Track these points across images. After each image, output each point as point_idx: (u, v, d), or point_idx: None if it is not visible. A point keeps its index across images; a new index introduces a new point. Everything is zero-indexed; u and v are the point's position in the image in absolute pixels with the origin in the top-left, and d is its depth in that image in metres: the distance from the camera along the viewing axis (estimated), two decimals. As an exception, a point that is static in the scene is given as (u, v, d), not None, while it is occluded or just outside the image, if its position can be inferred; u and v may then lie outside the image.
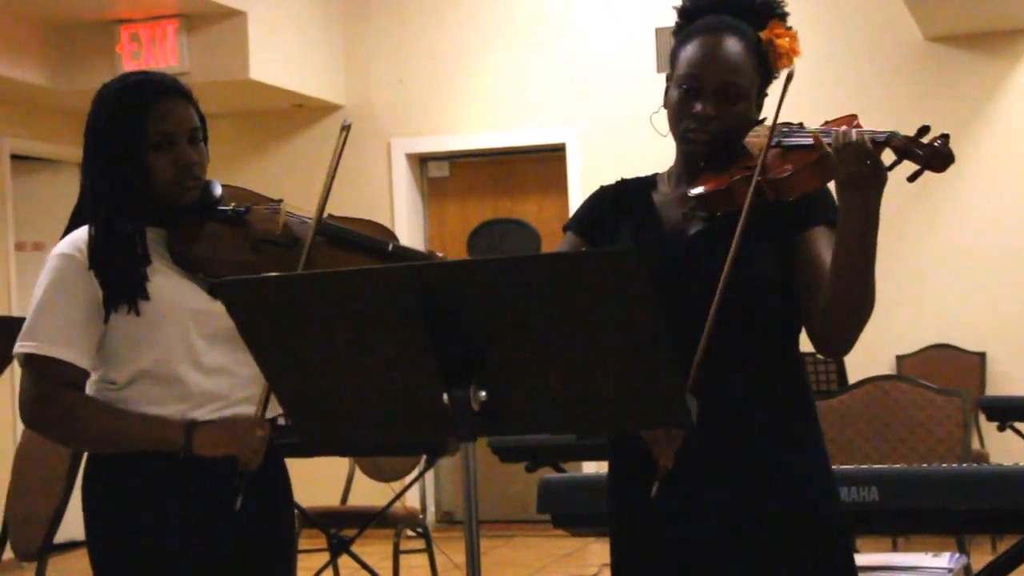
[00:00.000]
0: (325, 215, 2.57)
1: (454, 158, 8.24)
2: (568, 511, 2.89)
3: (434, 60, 8.03)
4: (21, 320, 5.06)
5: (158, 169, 2.45)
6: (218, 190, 2.55)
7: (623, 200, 2.35)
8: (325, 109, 8.10)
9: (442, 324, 1.71)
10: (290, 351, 1.81)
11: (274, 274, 1.92)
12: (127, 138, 2.44)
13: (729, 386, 2.20)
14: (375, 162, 8.06)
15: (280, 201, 2.61)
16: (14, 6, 6.90)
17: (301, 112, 8.10)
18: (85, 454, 2.55)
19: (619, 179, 2.40)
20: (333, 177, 2.47)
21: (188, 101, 2.52)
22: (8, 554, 3.98)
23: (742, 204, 2.15)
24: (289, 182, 7.29)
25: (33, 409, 2.44)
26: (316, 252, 2.47)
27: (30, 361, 2.42)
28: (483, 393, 1.76)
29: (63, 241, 2.46)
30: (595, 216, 2.36)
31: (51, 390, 2.42)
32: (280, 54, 7.46)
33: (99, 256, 2.41)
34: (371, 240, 2.58)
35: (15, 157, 7.76)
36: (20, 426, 7.60)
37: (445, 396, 1.76)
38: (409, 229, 8.02)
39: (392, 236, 2.64)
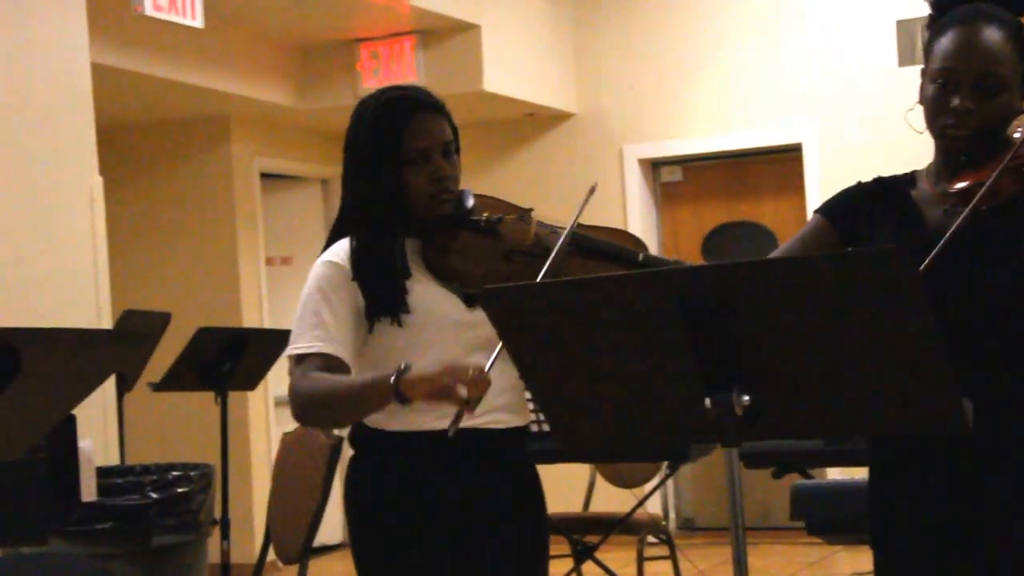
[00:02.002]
0: (575, 225, 2.59)
1: (687, 162, 8.18)
2: (823, 517, 2.83)
3: (665, 64, 8.00)
4: (274, 332, 5.26)
5: (414, 183, 2.51)
6: (471, 200, 2.59)
7: (881, 198, 2.29)
8: (557, 117, 8.17)
9: (704, 328, 1.70)
10: (551, 357, 1.82)
11: (537, 281, 1.94)
12: (384, 154, 2.52)
13: (1002, 386, 2.13)
14: (607, 169, 8.08)
15: (530, 210, 2.64)
16: (260, 31, 7.21)
17: (533, 121, 8.19)
18: (342, 459, 2.62)
19: (876, 176, 2.35)
20: (576, 223, 2.47)
21: (442, 115, 2.58)
22: (271, 556, 4.14)
23: (1007, 198, 2.07)
24: (522, 191, 7.36)
25: (296, 405, 2.46)
26: (565, 262, 2.49)
27: (298, 362, 2.48)
28: (746, 397, 1.74)
29: (327, 251, 2.54)
30: (850, 208, 2.30)
31: (300, 377, 2.45)
32: (513, 65, 7.56)
33: (361, 269, 2.49)
34: (621, 250, 2.58)
35: (264, 175, 8.09)
36: (276, 435, 7.92)
37: (707, 401, 1.75)
38: (643, 235, 7.99)
39: (642, 245, 2.63)
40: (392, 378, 2.28)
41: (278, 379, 6.05)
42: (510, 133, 8.25)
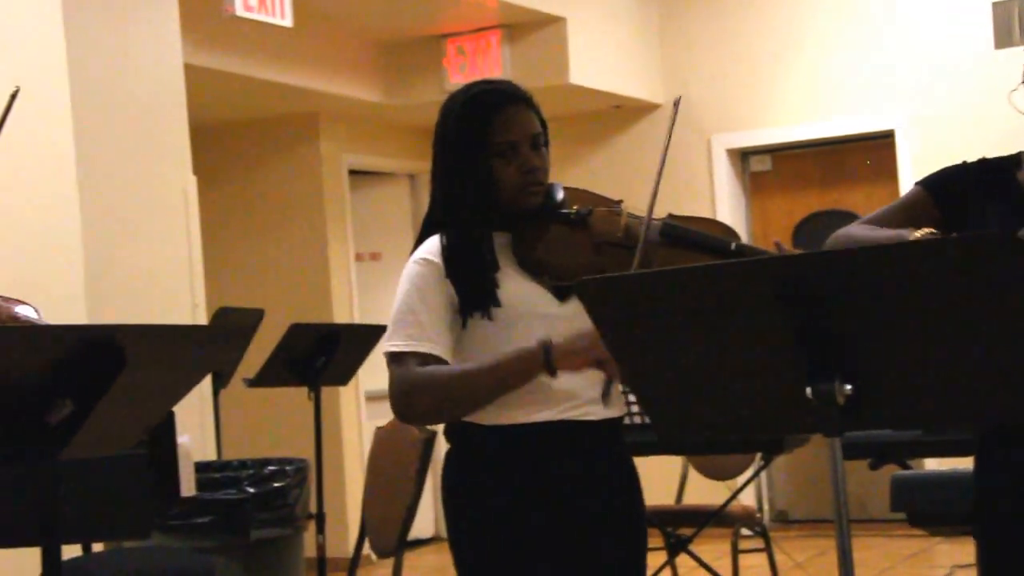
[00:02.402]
0: (665, 215, 2.57)
1: (776, 151, 8.10)
2: (926, 508, 2.79)
3: (752, 52, 7.92)
4: (366, 327, 5.30)
5: (503, 176, 2.51)
6: (560, 193, 2.58)
7: (986, 180, 2.25)
8: (644, 109, 8.13)
9: (804, 317, 1.68)
10: (649, 348, 1.81)
11: (634, 272, 1.93)
12: (472, 147, 2.51)
13: None
14: (696, 159, 8.03)
15: (620, 202, 2.62)
16: (348, 28, 7.26)
17: (620, 113, 8.15)
18: (435, 452, 2.62)
19: (980, 158, 2.30)
20: (660, 173, 2.45)
21: (530, 107, 2.57)
22: (366, 550, 4.17)
23: None
24: (610, 184, 7.31)
25: (400, 401, 2.48)
26: (654, 253, 2.46)
27: (395, 359, 2.49)
28: (848, 387, 1.71)
29: (420, 248, 2.55)
30: (956, 187, 2.26)
31: (404, 373, 2.45)
32: (599, 57, 7.54)
33: (453, 264, 2.49)
34: (713, 239, 2.55)
35: (352, 172, 8.15)
36: (368, 430, 7.98)
37: (808, 390, 1.73)
38: (731, 225, 7.92)
39: (734, 234, 2.60)
40: (541, 351, 2.29)
41: (369, 374, 6.10)
42: (597, 125, 8.22)
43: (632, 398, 4.34)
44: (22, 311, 2.28)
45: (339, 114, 7.85)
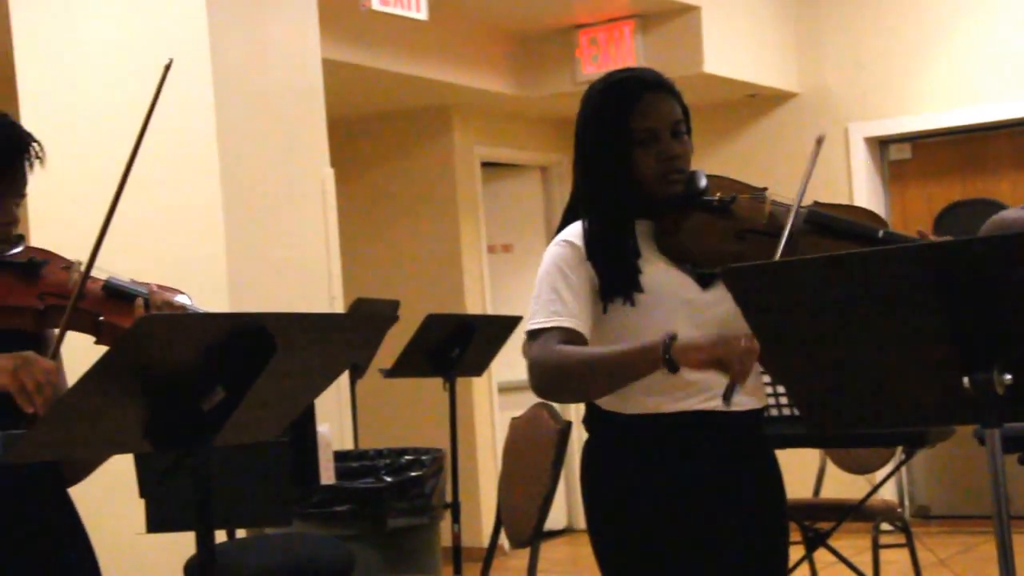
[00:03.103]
0: (811, 202, 2.52)
1: (916, 139, 7.92)
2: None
3: (892, 38, 7.75)
4: (501, 318, 5.30)
5: (643, 164, 2.49)
6: (703, 181, 2.56)
7: None
8: (779, 98, 8.01)
9: (961, 305, 1.63)
10: (799, 337, 1.78)
11: (784, 259, 1.90)
12: (612, 135, 2.50)
13: None
14: (832, 148, 7.88)
15: (765, 189, 2.59)
16: (481, 20, 7.29)
17: (755, 102, 8.05)
18: (572, 444, 2.61)
19: None
20: (809, 176, 2.42)
21: (670, 94, 2.55)
22: (502, 540, 4.18)
23: None
24: (746, 173, 7.22)
25: (540, 376, 2.45)
26: (801, 240, 2.42)
27: (536, 336, 2.47)
28: (1008, 376, 1.66)
29: (561, 233, 2.55)
30: None
31: (541, 350, 2.44)
32: (733, 46, 7.44)
33: (594, 250, 2.48)
34: (861, 226, 2.50)
35: (484, 164, 8.19)
36: (500, 420, 8.03)
37: (965, 380, 1.68)
38: (870, 215, 7.78)
39: (882, 222, 2.55)
40: (662, 345, 2.27)
41: (503, 366, 6.12)
42: (732, 115, 8.13)
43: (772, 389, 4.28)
44: (180, 299, 2.33)
45: (472, 106, 7.88)
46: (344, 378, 5.40)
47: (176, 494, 3.45)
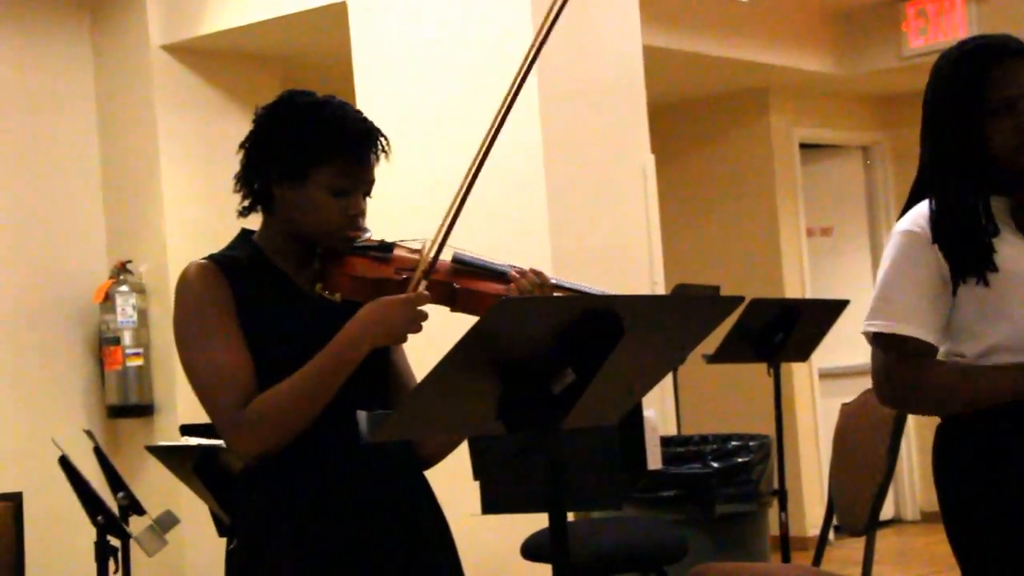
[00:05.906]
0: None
1: None
2: None
3: None
4: (825, 303, 5.16)
5: (998, 135, 2.36)
6: None
7: None
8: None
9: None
10: None
11: None
12: (963, 105, 2.38)
13: None
14: None
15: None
16: (798, -1, 7.14)
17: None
18: (905, 429, 2.51)
19: None
20: None
21: (1032, 59, 2.40)
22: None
23: None
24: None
25: (880, 384, 2.44)
26: None
27: (877, 339, 2.42)
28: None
29: (903, 218, 2.44)
30: None
31: (896, 364, 2.40)
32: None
33: (942, 229, 2.37)
34: None
35: (803, 145, 8.01)
36: (821, 407, 7.81)
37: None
38: None
39: None
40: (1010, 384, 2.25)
41: (825, 351, 5.96)
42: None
43: None
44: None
45: (789, 87, 7.73)
46: (667, 363, 5.38)
47: (511, 476, 3.52)
